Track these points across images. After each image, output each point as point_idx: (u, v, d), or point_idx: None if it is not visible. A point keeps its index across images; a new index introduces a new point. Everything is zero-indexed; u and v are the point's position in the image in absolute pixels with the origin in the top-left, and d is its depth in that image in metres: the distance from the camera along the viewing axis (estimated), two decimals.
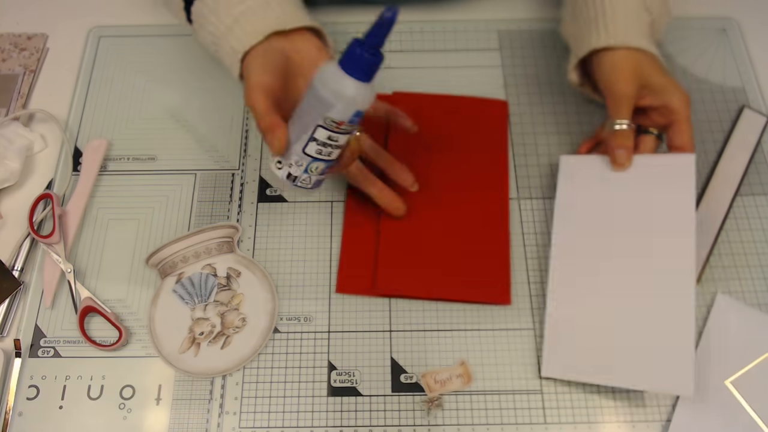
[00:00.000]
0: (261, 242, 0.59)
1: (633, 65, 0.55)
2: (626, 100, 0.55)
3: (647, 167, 0.56)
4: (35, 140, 0.64)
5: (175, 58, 0.69)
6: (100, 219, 0.61)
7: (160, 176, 0.63)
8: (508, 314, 0.56)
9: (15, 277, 0.57)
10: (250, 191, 0.62)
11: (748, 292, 0.57)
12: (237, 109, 0.66)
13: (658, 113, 0.56)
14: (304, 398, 0.53)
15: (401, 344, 0.55)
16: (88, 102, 0.67)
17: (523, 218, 0.60)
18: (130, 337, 0.55)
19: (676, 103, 0.55)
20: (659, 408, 0.53)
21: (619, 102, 0.55)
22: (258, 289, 0.57)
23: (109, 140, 0.64)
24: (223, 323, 0.55)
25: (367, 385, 0.54)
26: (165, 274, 0.58)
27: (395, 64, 0.69)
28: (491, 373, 0.54)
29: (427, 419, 0.52)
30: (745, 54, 0.70)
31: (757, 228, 0.60)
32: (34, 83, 0.68)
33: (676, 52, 0.70)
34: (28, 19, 0.72)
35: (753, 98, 0.67)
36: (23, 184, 0.62)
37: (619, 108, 0.55)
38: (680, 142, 0.55)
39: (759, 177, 0.63)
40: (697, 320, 0.56)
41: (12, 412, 0.52)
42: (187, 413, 0.52)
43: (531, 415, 0.52)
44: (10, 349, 0.55)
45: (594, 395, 0.53)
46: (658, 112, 0.56)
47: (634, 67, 0.55)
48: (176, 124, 0.66)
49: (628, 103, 0.55)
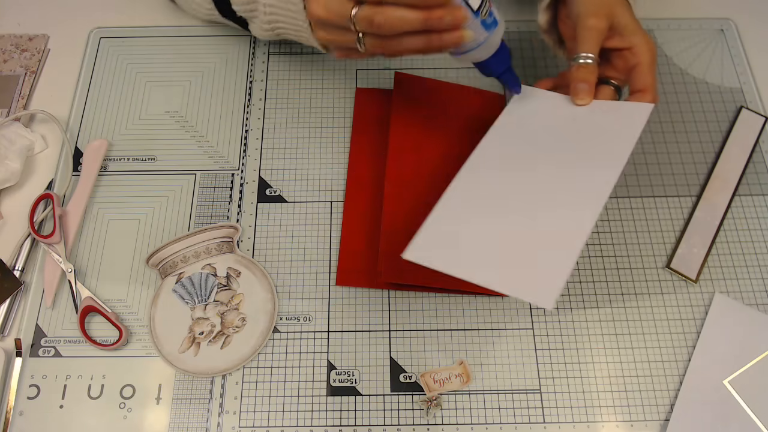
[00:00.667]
0: (261, 242, 0.60)
1: (606, 2, 0.54)
2: (595, 32, 0.54)
3: (601, 111, 0.54)
4: (36, 141, 0.64)
5: (175, 58, 0.70)
6: (100, 219, 0.61)
7: (160, 176, 0.63)
8: (507, 314, 0.56)
9: (16, 277, 0.57)
10: (250, 191, 0.62)
11: (746, 292, 0.57)
12: (237, 109, 0.67)
13: (622, 59, 0.55)
14: (303, 398, 0.53)
15: (400, 344, 0.55)
16: (89, 102, 0.67)
17: None
18: (131, 336, 0.56)
19: (642, 45, 0.54)
20: (658, 408, 0.53)
21: (587, 34, 0.54)
22: (258, 289, 0.57)
23: (110, 140, 0.65)
24: (223, 323, 0.56)
25: (367, 385, 0.54)
26: (165, 274, 0.58)
27: (395, 64, 0.69)
28: (490, 372, 0.54)
29: (426, 419, 0.53)
30: (742, 55, 0.70)
31: (755, 228, 0.60)
32: (35, 84, 0.68)
33: (674, 53, 0.70)
34: (30, 20, 0.72)
35: (751, 99, 0.67)
36: (24, 184, 0.63)
37: (587, 40, 0.54)
38: (642, 84, 0.54)
39: (757, 177, 0.63)
40: (695, 320, 0.56)
41: (13, 412, 0.52)
42: (187, 413, 0.53)
43: (530, 414, 0.53)
44: (11, 349, 0.55)
45: (594, 395, 0.53)
46: (623, 58, 0.55)
47: (607, 4, 0.54)
48: (176, 124, 0.66)
49: (596, 36, 0.54)
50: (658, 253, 0.59)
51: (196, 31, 0.71)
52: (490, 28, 0.50)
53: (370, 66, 0.69)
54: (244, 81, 0.68)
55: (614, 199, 0.62)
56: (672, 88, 0.68)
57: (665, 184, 0.63)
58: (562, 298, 0.57)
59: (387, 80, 0.68)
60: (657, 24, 0.72)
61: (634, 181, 0.63)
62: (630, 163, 0.63)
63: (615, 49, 0.55)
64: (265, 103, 0.67)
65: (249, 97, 0.67)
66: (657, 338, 0.56)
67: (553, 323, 0.56)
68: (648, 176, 0.63)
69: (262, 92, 0.68)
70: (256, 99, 0.67)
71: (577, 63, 0.54)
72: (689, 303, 0.57)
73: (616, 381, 0.54)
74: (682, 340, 0.56)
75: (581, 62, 0.54)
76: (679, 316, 0.57)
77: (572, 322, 0.56)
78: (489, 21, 0.50)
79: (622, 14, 0.54)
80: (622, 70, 0.55)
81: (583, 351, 0.55)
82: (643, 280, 0.58)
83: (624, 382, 0.54)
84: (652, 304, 0.57)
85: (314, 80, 0.68)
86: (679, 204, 0.62)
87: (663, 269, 0.59)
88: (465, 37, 0.48)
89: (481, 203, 0.52)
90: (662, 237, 0.60)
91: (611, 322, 0.56)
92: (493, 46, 0.52)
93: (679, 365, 0.55)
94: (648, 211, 0.61)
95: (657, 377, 0.54)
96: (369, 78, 0.68)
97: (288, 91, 0.67)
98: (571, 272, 0.47)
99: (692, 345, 0.55)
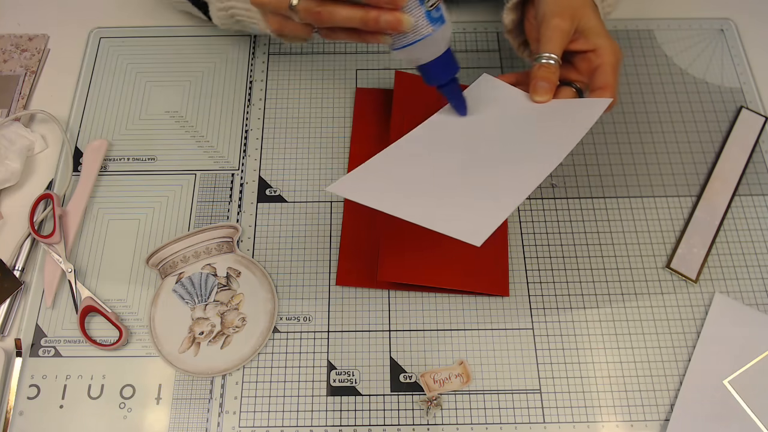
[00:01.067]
0: (261, 242, 0.60)
1: (573, 4, 0.54)
2: (558, 32, 0.53)
3: (557, 106, 0.53)
4: (36, 141, 0.64)
5: (175, 58, 0.70)
6: (100, 219, 0.61)
7: (160, 176, 0.63)
8: (507, 314, 0.57)
9: (16, 276, 0.57)
10: (250, 191, 0.62)
11: (746, 292, 0.57)
12: (237, 109, 0.67)
13: (586, 61, 0.54)
14: (303, 398, 0.53)
15: (400, 344, 0.55)
16: (89, 102, 0.67)
17: (523, 218, 0.61)
18: (131, 336, 0.56)
19: (606, 47, 0.53)
20: (658, 408, 0.53)
21: (551, 34, 0.53)
22: (258, 289, 0.57)
23: (110, 140, 0.65)
24: (223, 323, 0.56)
25: (367, 385, 0.54)
26: (165, 274, 0.58)
27: (396, 65, 0.69)
28: (490, 372, 0.54)
29: (426, 419, 0.53)
30: (742, 55, 0.70)
31: (755, 228, 0.60)
32: (35, 84, 0.68)
33: (674, 53, 0.70)
34: (29, 21, 0.72)
35: (751, 99, 0.67)
36: (24, 184, 0.63)
37: (550, 40, 0.53)
38: (602, 82, 0.52)
39: (757, 177, 0.63)
40: (695, 320, 0.56)
41: (13, 412, 0.52)
42: (187, 413, 0.53)
43: (530, 414, 0.53)
44: (11, 349, 0.55)
45: (594, 395, 0.53)
46: (586, 60, 0.54)
47: (573, 6, 0.54)
48: (176, 124, 0.66)
49: (559, 37, 0.53)
50: (658, 253, 0.59)
51: (196, 31, 0.71)
52: (436, 23, 0.48)
53: (370, 66, 0.69)
54: (244, 81, 0.68)
55: (614, 199, 0.62)
56: (672, 88, 0.68)
57: (665, 184, 0.63)
58: (562, 298, 0.57)
59: (387, 80, 0.68)
60: (657, 24, 0.72)
61: (634, 181, 0.63)
62: (631, 163, 0.64)
63: (579, 52, 0.54)
64: (265, 103, 0.67)
65: (249, 97, 0.67)
66: (657, 338, 0.56)
67: (553, 323, 0.56)
68: (648, 176, 0.63)
69: (262, 92, 0.68)
70: (256, 99, 0.67)
71: (539, 62, 0.53)
72: (689, 303, 0.57)
73: (616, 381, 0.54)
74: (682, 340, 0.56)
75: (543, 62, 0.53)
76: (679, 316, 0.57)
77: (572, 322, 0.56)
78: (435, 15, 0.47)
79: (589, 17, 0.54)
80: (586, 72, 0.54)
81: (583, 351, 0.55)
82: (643, 280, 0.58)
83: (624, 382, 0.54)
84: (652, 304, 0.57)
85: (314, 80, 0.68)
86: (679, 204, 0.62)
87: (663, 269, 0.59)
88: (404, 21, 0.46)
89: (420, 161, 0.51)
90: (662, 237, 0.60)
91: (611, 322, 0.56)
92: (437, 46, 0.49)
93: (679, 365, 0.55)
94: (648, 211, 0.61)
95: (657, 377, 0.54)
96: (369, 78, 0.68)
97: (288, 91, 0.67)
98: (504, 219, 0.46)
99: (692, 345, 0.55)
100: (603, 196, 0.62)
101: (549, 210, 0.61)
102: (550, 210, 0.61)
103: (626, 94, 0.68)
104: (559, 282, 0.58)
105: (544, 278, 0.58)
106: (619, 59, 0.53)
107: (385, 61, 0.69)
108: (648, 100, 0.67)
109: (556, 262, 0.59)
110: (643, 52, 0.70)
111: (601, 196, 0.62)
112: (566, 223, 0.61)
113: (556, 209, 0.61)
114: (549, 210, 0.61)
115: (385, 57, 0.70)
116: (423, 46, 0.48)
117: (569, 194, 0.62)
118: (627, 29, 0.72)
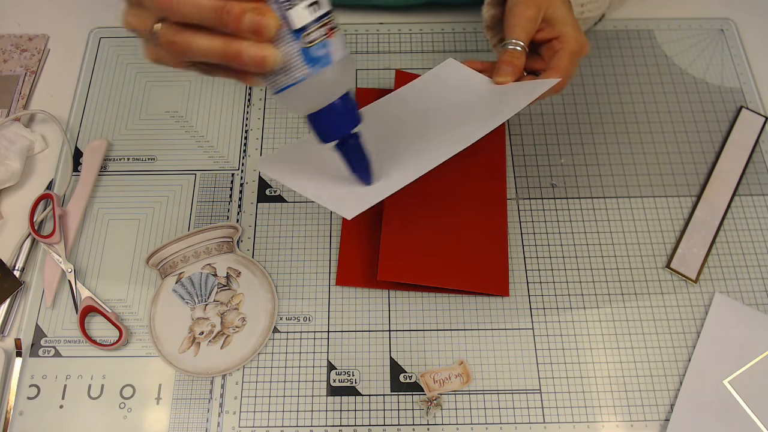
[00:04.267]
0: (261, 242, 0.60)
1: None
2: (524, 20, 0.53)
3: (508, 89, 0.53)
4: (36, 141, 0.64)
5: None
6: (100, 219, 0.61)
7: (160, 176, 0.63)
8: (507, 314, 0.57)
9: (16, 276, 0.57)
10: (250, 191, 0.62)
11: (746, 292, 0.57)
12: (237, 109, 0.66)
13: (550, 49, 0.54)
14: (303, 398, 0.53)
15: (400, 344, 0.55)
16: (89, 102, 0.67)
17: (522, 218, 0.61)
18: (131, 336, 0.56)
19: (569, 35, 0.53)
20: (658, 408, 0.53)
21: (516, 21, 0.53)
22: (258, 289, 0.57)
23: (110, 140, 0.65)
24: (223, 323, 0.56)
25: (367, 385, 0.54)
26: (165, 274, 0.58)
27: (396, 65, 0.69)
28: (490, 372, 0.54)
29: (426, 419, 0.53)
30: (742, 55, 0.70)
31: (755, 228, 0.60)
32: (35, 84, 0.68)
33: (674, 53, 0.70)
34: (30, 21, 0.72)
35: (751, 99, 0.67)
36: (24, 184, 0.63)
37: (516, 27, 0.53)
38: (555, 63, 0.52)
39: (757, 177, 0.63)
40: (695, 320, 0.56)
41: (13, 412, 0.52)
42: (187, 413, 0.53)
43: (530, 414, 0.53)
44: (11, 349, 0.55)
45: (594, 395, 0.53)
46: (551, 48, 0.54)
47: None
48: (176, 124, 0.66)
49: (525, 24, 0.53)
50: (658, 253, 0.59)
51: None
52: (316, 63, 0.37)
53: (370, 66, 0.69)
54: None
55: (614, 199, 0.62)
56: (672, 88, 0.68)
57: (665, 184, 0.63)
58: (562, 298, 0.57)
59: (387, 80, 0.68)
60: (657, 24, 0.72)
61: (634, 181, 0.63)
62: (631, 163, 0.64)
63: (545, 41, 0.54)
64: (265, 103, 0.67)
65: (249, 97, 0.67)
66: (657, 338, 0.56)
67: (553, 323, 0.56)
68: (648, 176, 0.63)
69: (262, 92, 0.68)
70: (256, 99, 0.67)
71: (505, 48, 0.53)
72: (689, 303, 0.57)
73: (616, 381, 0.54)
74: (682, 340, 0.56)
75: (510, 48, 0.53)
76: (679, 316, 0.57)
77: (572, 322, 0.56)
78: (317, 53, 0.37)
79: (556, 6, 0.54)
80: (549, 60, 0.54)
81: (583, 351, 0.55)
82: (643, 280, 0.58)
83: (624, 382, 0.54)
84: (652, 304, 0.57)
85: None
86: (679, 204, 0.62)
87: (663, 269, 0.59)
88: (268, 57, 0.37)
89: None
90: (662, 237, 0.60)
91: (611, 322, 0.56)
92: (320, 93, 0.39)
93: (679, 365, 0.55)
94: (648, 211, 0.61)
95: (657, 377, 0.54)
96: (369, 78, 0.68)
97: None
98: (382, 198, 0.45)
99: (692, 345, 0.55)
100: (603, 196, 0.62)
101: (549, 210, 0.61)
102: (550, 210, 0.61)
103: (626, 94, 0.68)
104: (559, 282, 0.58)
105: (544, 278, 0.58)
106: (581, 48, 0.53)
107: (385, 61, 0.69)
108: (648, 100, 0.67)
109: (556, 262, 0.59)
110: (643, 52, 0.70)
111: (601, 196, 0.62)
112: (566, 223, 0.61)
113: (556, 209, 0.61)
114: (549, 210, 0.61)
115: (385, 57, 0.70)
116: (298, 93, 0.38)
117: (569, 194, 0.62)
118: (627, 29, 0.72)
